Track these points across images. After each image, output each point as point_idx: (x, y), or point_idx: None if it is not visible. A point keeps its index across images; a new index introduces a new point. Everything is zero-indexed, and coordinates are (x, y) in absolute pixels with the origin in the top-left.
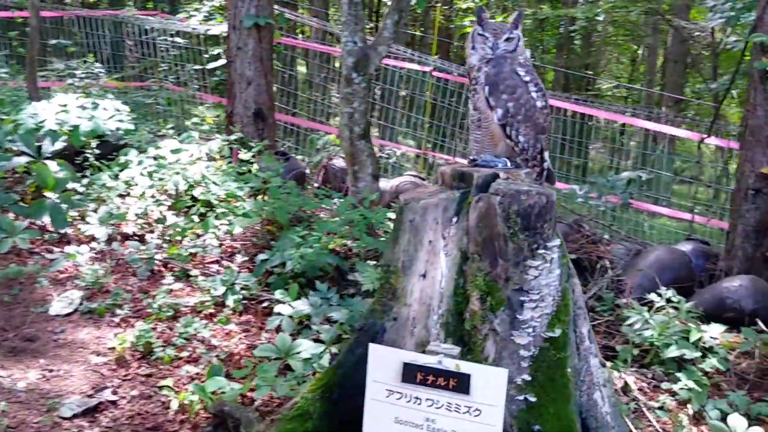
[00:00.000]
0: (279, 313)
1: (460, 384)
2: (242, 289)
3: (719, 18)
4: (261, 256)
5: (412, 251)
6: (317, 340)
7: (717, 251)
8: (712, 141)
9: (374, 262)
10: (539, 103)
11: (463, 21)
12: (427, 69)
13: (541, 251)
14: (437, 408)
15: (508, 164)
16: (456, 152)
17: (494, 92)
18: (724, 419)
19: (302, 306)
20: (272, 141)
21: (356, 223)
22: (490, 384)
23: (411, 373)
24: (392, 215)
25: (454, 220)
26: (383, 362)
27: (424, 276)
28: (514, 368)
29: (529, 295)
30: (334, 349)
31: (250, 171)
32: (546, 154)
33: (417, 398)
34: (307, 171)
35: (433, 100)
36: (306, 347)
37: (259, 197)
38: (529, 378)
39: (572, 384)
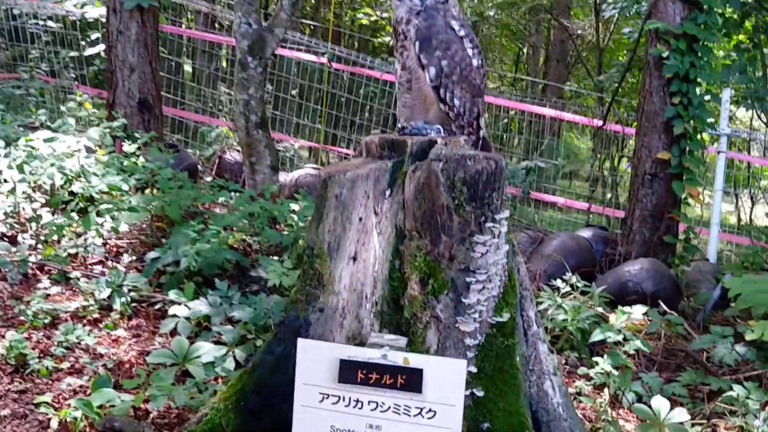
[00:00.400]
0: (174, 315)
1: (411, 381)
2: (131, 290)
3: (612, 9)
4: (151, 254)
5: (340, 231)
6: (219, 343)
7: (614, 237)
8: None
9: (278, 258)
10: (476, 62)
11: (356, 14)
12: (323, 60)
13: (489, 225)
14: (382, 412)
15: (442, 132)
16: (355, 144)
17: (426, 48)
18: (639, 401)
19: (200, 306)
20: (160, 133)
21: (257, 216)
22: (447, 379)
23: (350, 372)
24: (296, 207)
25: (388, 193)
26: (315, 360)
27: (354, 259)
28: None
29: (476, 276)
30: (238, 352)
31: (136, 164)
32: (482, 121)
33: (358, 401)
34: (200, 166)
35: (332, 91)
36: (206, 350)
37: (147, 191)
38: (475, 370)
39: (522, 374)
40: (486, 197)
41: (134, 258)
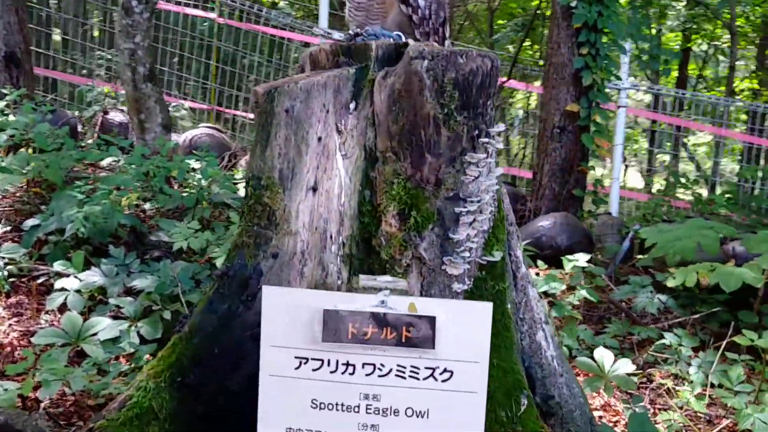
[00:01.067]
0: (62, 289)
1: (419, 334)
2: (7, 264)
3: None
4: (30, 222)
5: (294, 155)
6: (118, 317)
7: (522, 192)
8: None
9: (179, 223)
10: None
11: None
12: (211, 15)
13: (483, 140)
14: (382, 376)
15: (403, 39)
16: (247, 102)
17: None
18: (570, 355)
19: (93, 277)
20: (31, 90)
21: (153, 176)
22: (467, 329)
23: (337, 326)
24: (197, 165)
25: (352, 106)
26: (288, 314)
27: (314, 189)
28: None
29: (466, 205)
30: (141, 326)
31: (6, 120)
32: (447, 30)
33: (348, 365)
34: (80, 127)
35: (224, 48)
36: (104, 326)
37: (21, 150)
38: None
39: (514, 324)
40: (480, 105)
41: (9, 228)
